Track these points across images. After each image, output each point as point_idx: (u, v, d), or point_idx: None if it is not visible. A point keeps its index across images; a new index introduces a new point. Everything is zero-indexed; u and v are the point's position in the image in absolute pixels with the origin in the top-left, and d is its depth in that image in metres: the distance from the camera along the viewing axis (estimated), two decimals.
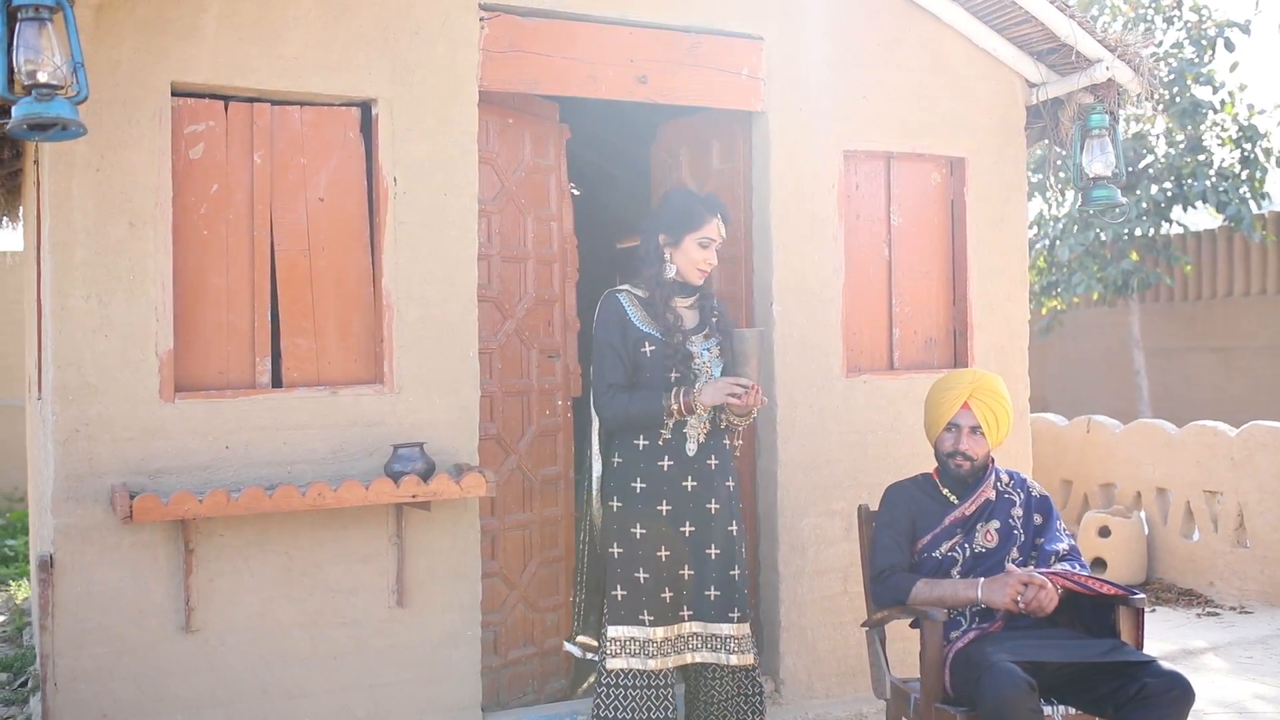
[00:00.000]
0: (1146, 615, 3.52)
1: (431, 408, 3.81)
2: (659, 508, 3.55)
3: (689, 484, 3.58)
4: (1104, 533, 6.55)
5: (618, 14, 4.11)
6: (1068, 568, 3.49)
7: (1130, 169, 9.22)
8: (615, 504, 3.57)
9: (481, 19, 3.90)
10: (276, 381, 3.69)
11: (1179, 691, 3.06)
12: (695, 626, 3.57)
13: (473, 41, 3.88)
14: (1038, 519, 3.68)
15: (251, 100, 3.65)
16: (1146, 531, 6.64)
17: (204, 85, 3.55)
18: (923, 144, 4.69)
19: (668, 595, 3.54)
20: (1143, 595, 3.40)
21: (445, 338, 3.84)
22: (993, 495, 3.68)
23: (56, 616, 3.34)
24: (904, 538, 3.66)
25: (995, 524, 3.64)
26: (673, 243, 3.59)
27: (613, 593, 3.52)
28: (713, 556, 3.59)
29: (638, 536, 3.53)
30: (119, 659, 3.40)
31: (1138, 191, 9.21)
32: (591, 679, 4.11)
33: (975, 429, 3.67)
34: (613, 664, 3.49)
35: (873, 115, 4.57)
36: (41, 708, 3.35)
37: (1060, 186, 5.92)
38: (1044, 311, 10.59)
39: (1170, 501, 6.62)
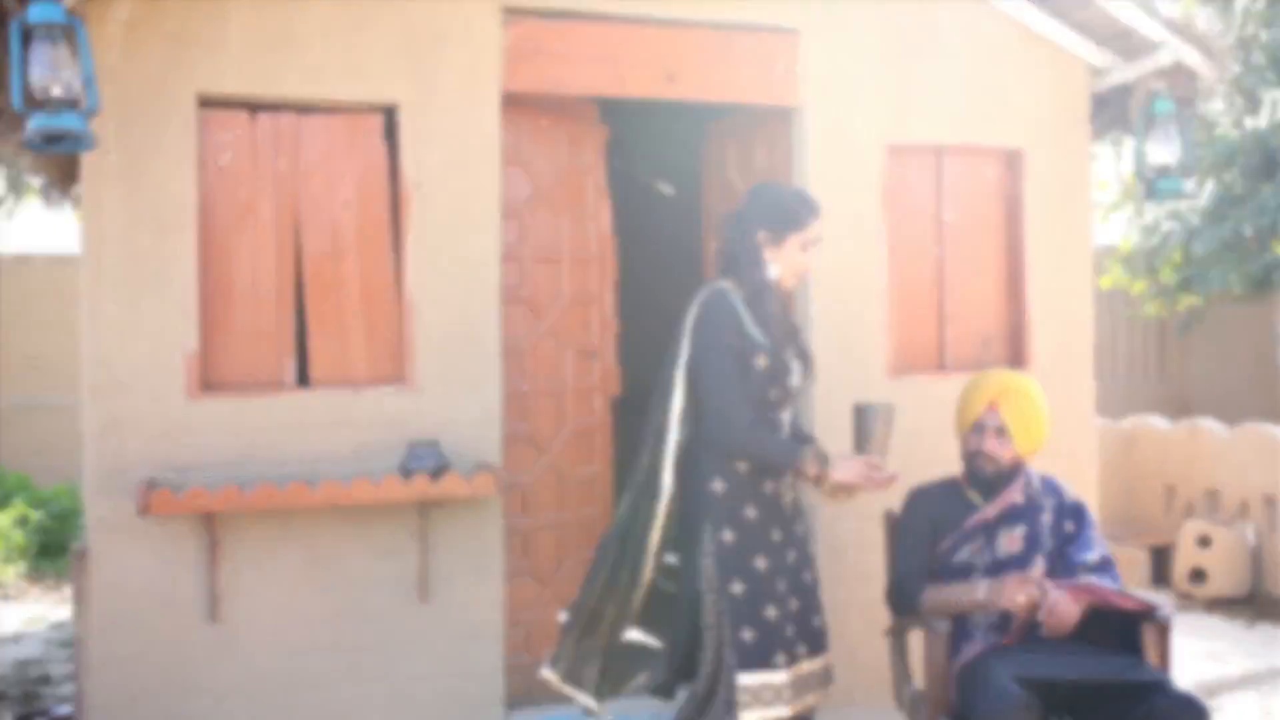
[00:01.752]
0: (1247, 630, 3.32)
1: (453, 407, 3.86)
2: (772, 537, 3.17)
3: (786, 508, 3.24)
4: (1204, 542, 6.20)
5: (644, 11, 4.09)
6: (1094, 580, 3.31)
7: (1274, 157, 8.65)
8: (728, 536, 3.07)
9: (504, 22, 3.93)
10: (303, 381, 3.81)
11: (1189, 716, 2.87)
12: (813, 665, 3.21)
13: (495, 45, 3.92)
14: (1069, 526, 3.51)
15: (277, 108, 3.77)
16: (1253, 542, 6.25)
17: (230, 95, 3.69)
18: (976, 136, 4.52)
19: (790, 632, 3.15)
20: (1168, 611, 3.21)
21: (466, 338, 3.89)
22: (1020, 499, 3.52)
23: (90, 604, 3.52)
24: (923, 542, 3.54)
25: (1021, 529, 3.48)
26: (773, 241, 3.17)
27: (740, 636, 3.03)
28: (809, 582, 3.28)
29: (761, 570, 3.10)
30: (148, 646, 3.56)
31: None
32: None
33: (1001, 431, 3.52)
34: (747, 717, 3.04)
35: (920, 107, 4.43)
36: (76, 689, 3.53)
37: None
38: (1179, 308, 10.05)
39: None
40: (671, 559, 3.18)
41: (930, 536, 3.55)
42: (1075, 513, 3.54)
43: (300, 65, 3.73)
